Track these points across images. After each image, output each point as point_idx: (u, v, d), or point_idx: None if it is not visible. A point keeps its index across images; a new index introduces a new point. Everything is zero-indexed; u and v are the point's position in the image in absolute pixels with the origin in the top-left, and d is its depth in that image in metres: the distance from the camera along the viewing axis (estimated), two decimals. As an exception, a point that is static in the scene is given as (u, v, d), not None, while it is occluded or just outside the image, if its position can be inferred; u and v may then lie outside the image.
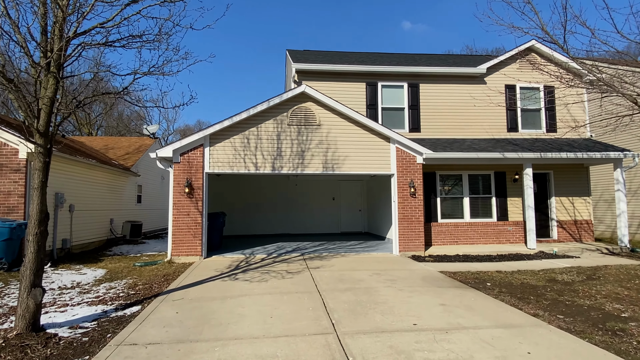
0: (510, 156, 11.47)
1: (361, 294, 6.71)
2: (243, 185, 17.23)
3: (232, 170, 10.59)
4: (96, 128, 37.11)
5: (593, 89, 8.69)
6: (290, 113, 10.94)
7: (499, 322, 5.26)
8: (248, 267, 9.18)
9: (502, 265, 9.74)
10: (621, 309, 5.85)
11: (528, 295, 6.79)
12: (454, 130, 13.24)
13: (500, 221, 12.99)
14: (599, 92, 8.83)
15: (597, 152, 11.74)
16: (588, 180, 13.56)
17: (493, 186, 13.13)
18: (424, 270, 8.94)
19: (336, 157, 11.07)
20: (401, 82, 13.16)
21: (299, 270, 8.87)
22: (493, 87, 13.40)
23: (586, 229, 13.34)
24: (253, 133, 10.75)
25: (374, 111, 12.93)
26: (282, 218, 17.36)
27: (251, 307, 5.97)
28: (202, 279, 8.00)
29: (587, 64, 8.21)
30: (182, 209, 10.32)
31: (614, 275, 8.33)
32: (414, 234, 11.18)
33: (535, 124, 13.62)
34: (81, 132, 34.16)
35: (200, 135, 10.39)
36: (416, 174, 11.34)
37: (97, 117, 35.29)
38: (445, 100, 13.28)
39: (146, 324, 5.27)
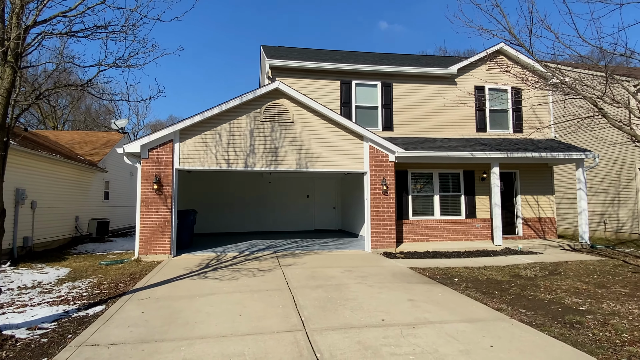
0: (479, 155, 11.78)
1: (332, 291, 6.74)
2: (216, 183, 16.97)
3: (203, 167, 10.41)
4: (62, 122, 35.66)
5: (556, 91, 9.03)
6: (264, 109, 10.85)
7: (464, 317, 5.40)
8: (219, 266, 9.06)
9: (470, 261, 10.00)
10: (579, 303, 6.12)
11: (493, 290, 7.00)
12: (426, 129, 13.48)
13: (468, 218, 13.34)
14: (562, 94, 9.18)
15: (560, 153, 12.23)
16: (552, 179, 14.11)
17: (462, 184, 13.46)
18: (395, 267, 9.08)
19: (310, 155, 11.07)
20: (375, 81, 13.28)
21: (270, 268, 8.83)
22: (463, 88, 13.72)
23: (550, 226, 13.88)
24: (225, 129, 10.59)
25: (348, 109, 13.00)
26: (256, 216, 17.23)
27: (220, 306, 5.89)
28: (170, 278, 7.84)
29: (551, 67, 8.52)
30: (150, 206, 10.06)
31: (574, 270, 8.70)
32: (385, 231, 11.32)
33: (502, 124, 14.04)
34: (46, 125, 32.77)
35: (169, 130, 10.15)
36: (388, 172, 11.48)
37: (63, 111, 33.93)
38: (417, 100, 13.50)
39: (110, 324, 5.12)
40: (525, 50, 8.38)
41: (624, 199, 15.04)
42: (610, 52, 6.85)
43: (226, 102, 10.38)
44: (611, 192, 15.56)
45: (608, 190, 15.68)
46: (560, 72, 8.12)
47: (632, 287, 7.11)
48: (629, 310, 5.70)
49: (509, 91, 13.97)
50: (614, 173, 15.41)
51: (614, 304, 6.00)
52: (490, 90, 13.88)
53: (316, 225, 17.77)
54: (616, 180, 15.36)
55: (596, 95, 7.51)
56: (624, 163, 14.96)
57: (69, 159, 13.93)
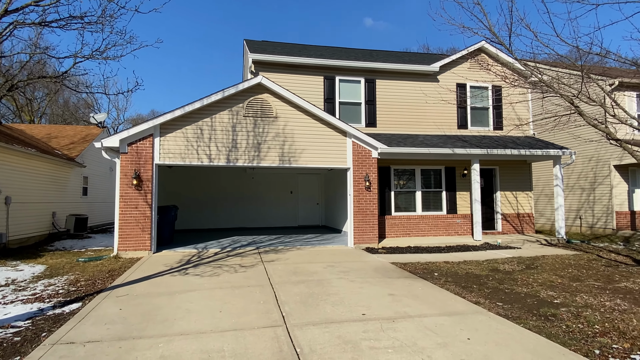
0: (460, 152, 11.95)
1: (314, 286, 6.76)
2: (198, 178, 16.78)
3: (184, 162, 10.27)
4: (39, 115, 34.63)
5: (535, 89, 9.22)
6: (247, 104, 10.75)
7: (443, 310, 5.48)
8: (200, 262, 8.97)
9: (450, 256, 10.16)
10: (554, 296, 6.29)
11: (472, 284, 7.13)
12: (408, 126, 13.60)
13: (449, 214, 13.53)
14: (540, 92, 9.37)
15: (538, 150, 12.50)
16: (530, 175, 14.43)
17: (443, 181, 13.63)
18: (377, 262, 9.15)
19: (293, 150, 11.03)
20: (359, 77, 13.30)
21: (252, 264, 8.79)
22: (445, 85, 13.87)
23: (528, 222, 14.20)
24: (207, 124, 10.46)
25: (332, 105, 12.99)
26: (238, 212, 17.10)
27: (200, 302, 5.84)
28: (150, 275, 7.72)
29: (530, 65, 8.69)
30: (130, 201, 9.88)
31: (550, 264, 8.93)
32: (368, 226, 11.40)
33: (483, 121, 14.27)
34: (21, 119, 31.78)
35: (149, 124, 9.96)
36: (371, 168, 11.54)
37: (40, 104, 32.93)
38: (400, 97, 13.58)
39: (86, 322, 5.02)
40: (505, 48, 8.52)
41: (599, 195, 15.49)
42: (586, 51, 7.02)
43: (208, 96, 10.25)
44: (587, 189, 16.00)
45: (584, 187, 16.12)
46: (539, 70, 8.28)
47: (604, 280, 7.34)
48: (600, 302, 5.89)
49: (489, 89, 14.19)
50: (590, 170, 15.85)
51: (587, 297, 6.18)
52: (471, 87, 14.07)
53: (299, 221, 17.76)
54: (592, 177, 15.80)
55: (573, 93, 7.68)
56: (599, 160, 15.40)
57: (45, 153, 13.54)
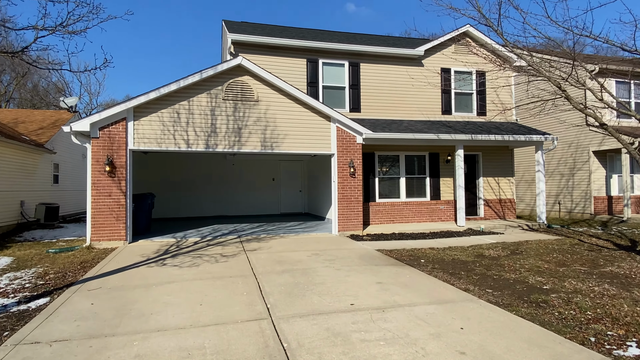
0: (444, 137, 11.81)
1: (299, 276, 6.51)
2: (176, 165, 16.18)
3: (161, 148, 9.77)
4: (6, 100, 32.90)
5: (522, 73, 9.09)
6: (226, 87, 10.27)
7: (433, 299, 5.32)
8: (178, 252, 8.59)
9: (435, 242, 10.08)
10: (543, 282, 6.22)
11: (459, 270, 7.02)
12: (393, 111, 13.36)
13: (433, 200, 13.47)
14: (526, 76, 9.25)
15: (522, 135, 12.49)
16: (512, 161, 14.48)
17: (427, 167, 13.53)
18: (362, 249, 8.97)
19: (275, 136, 10.66)
20: (342, 60, 12.93)
21: (234, 253, 8.46)
22: (430, 69, 13.65)
23: (509, 207, 14.30)
24: (184, 107, 9.95)
25: (315, 89, 12.61)
26: (219, 199, 16.65)
27: (179, 295, 5.50)
28: (124, 266, 7.31)
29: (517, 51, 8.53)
30: (102, 189, 9.35)
31: (535, 249, 8.94)
32: (353, 213, 11.19)
33: (467, 107, 14.16)
34: (-14, 103, 30.10)
35: (122, 107, 9.39)
36: (356, 154, 11.29)
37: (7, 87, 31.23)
38: (385, 81, 13.30)
39: (54, 319, 4.63)
40: (493, 30, 8.31)
41: (577, 180, 15.72)
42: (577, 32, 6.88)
43: (184, 77, 9.72)
44: (566, 174, 16.22)
45: (563, 173, 16.33)
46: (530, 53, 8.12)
47: (589, 265, 7.35)
48: (589, 287, 5.84)
49: (473, 74, 14.06)
50: (569, 156, 16.04)
51: (575, 282, 6.14)
52: (456, 72, 13.90)
53: (282, 208, 17.45)
54: (571, 162, 16.01)
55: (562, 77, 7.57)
56: (579, 146, 15.59)
57: (10, 138, 12.74)
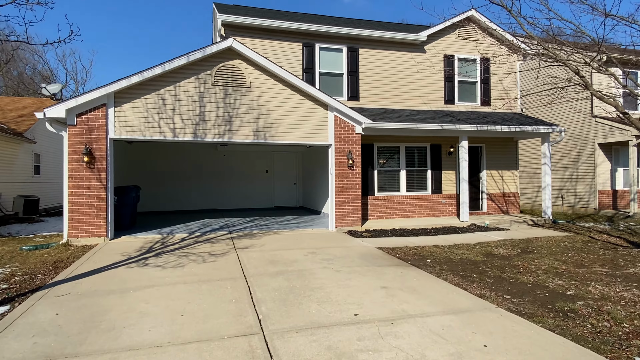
0: (448, 128, 11.17)
1: (295, 279, 5.86)
2: (164, 156, 15.38)
3: (144, 137, 9.01)
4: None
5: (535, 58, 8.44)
6: (216, 71, 9.51)
7: (446, 307, 4.71)
8: (163, 250, 7.90)
9: (439, 239, 9.49)
10: (565, 286, 5.63)
11: (470, 272, 6.42)
12: (393, 100, 12.68)
13: (434, 194, 12.86)
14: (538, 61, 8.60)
15: (528, 126, 11.88)
16: (517, 154, 13.89)
17: (429, 159, 12.90)
18: (362, 247, 8.34)
19: (269, 125, 9.94)
20: (340, 45, 12.17)
21: (224, 251, 7.79)
22: (432, 56, 12.95)
23: (513, 202, 13.75)
24: (170, 93, 9.18)
25: (311, 76, 11.87)
26: (210, 192, 15.90)
27: (158, 302, 4.83)
28: (102, 266, 6.61)
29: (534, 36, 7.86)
30: (80, 181, 8.60)
31: (546, 247, 8.37)
32: (351, 208, 10.55)
33: (471, 96, 13.51)
34: (-33, 91, 28.86)
35: (101, 92, 8.59)
36: (355, 145, 10.61)
37: (-13, 75, 29.95)
38: (385, 68, 12.59)
39: (8, 334, 3.94)
40: (506, 10, 7.63)
41: (582, 174, 15.20)
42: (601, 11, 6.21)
43: (170, 60, 8.94)
44: (570, 168, 15.70)
45: (567, 166, 15.80)
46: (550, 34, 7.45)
47: (610, 265, 6.79)
48: (618, 293, 5.26)
49: (478, 61, 13.39)
50: (574, 148, 15.50)
51: (600, 287, 5.55)
52: (459, 59, 13.21)
53: (276, 202, 16.76)
54: (575, 155, 15.48)
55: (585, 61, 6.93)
56: (584, 138, 15.04)
57: (-15, 127, 11.93)
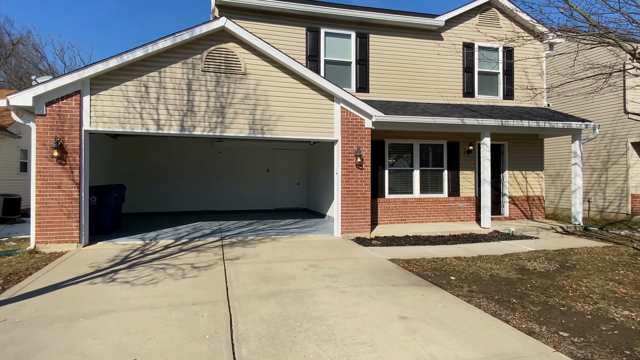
0: (470, 123, 9.94)
1: (290, 303, 4.70)
2: (156, 152, 14.29)
3: (124, 129, 7.90)
4: (-11, 82, 30.92)
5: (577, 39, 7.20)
6: (206, 56, 8.37)
7: (488, 351, 3.52)
8: (140, 260, 6.77)
9: (460, 249, 8.28)
10: (636, 319, 4.41)
11: (507, 295, 5.21)
12: (407, 92, 11.46)
13: (451, 197, 11.63)
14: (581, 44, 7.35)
15: (559, 122, 10.60)
16: (542, 153, 12.60)
17: (445, 158, 11.66)
18: (372, 259, 7.16)
19: (267, 117, 8.79)
20: (349, 30, 10.97)
21: (210, 263, 6.64)
22: (450, 44, 11.71)
23: (538, 206, 12.46)
24: (154, 79, 8.07)
25: (315, 64, 10.69)
26: (206, 193, 14.78)
27: (110, 337, 3.69)
28: (61, 281, 5.50)
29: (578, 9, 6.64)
30: (50, 179, 7.53)
31: (589, 262, 7.12)
32: (359, 212, 9.36)
33: (492, 89, 12.24)
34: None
35: (74, 77, 7.48)
36: (364, 141, 9.43)
37: (-15, 69, 29.21)
38: (398, 57, 11.37)
39: None
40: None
41: (612, 176, 13.87)
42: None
43: (154, 42, 7.81)
44: (598, 169, 14.36)
45: (595, 167, 14.47)
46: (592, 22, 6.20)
47: (678, 288, 5.54)
48: None
49: (500, 51, 12.12)
50: (603, 148, 14.17)
51: (683, 321, 4.33)
52: (480, 48, 11.95)
53: (277, 203, 15.60)
54: (605, 155, 14.14)
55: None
56: (615, 137, 13.71)
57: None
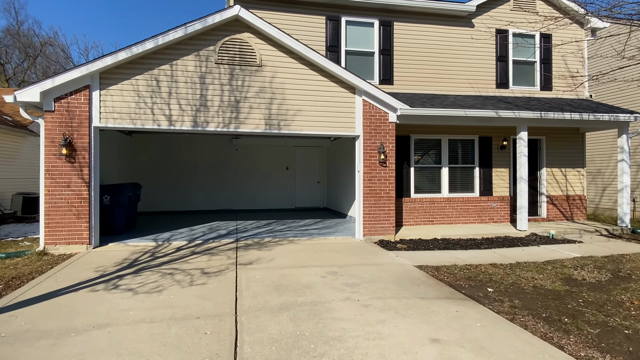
0: (505, 115, 9.11)
1: (304, 319, 4.14)
2: (174, 149, 14.00)
3: (135, 125, 7.53)
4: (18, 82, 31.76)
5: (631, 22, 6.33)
6: (220, 47, 7.91)
7: (544, 390, 2.86)
8: (149, 264, 6.37)
9: (495, 254, 7.52)
10: None
11: (556, 312, 4.49)
12: (434, 83, 10.69)
13: (483, 196, 10.80)
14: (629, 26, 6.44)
15: (605, 114, 9.62)
16: (584, 148, 11.57)
17: (477, 154, 10.84)
18: (397, 265, 6.52)
19: (283, 112, 8.26)
20: (371, 18, 10.30)
21: (221, 268, 6.17)
22: (482, 31, 10.86)
23: (579, 206, 11.46)
24: (165, 73, 7.66)
25: (336, 55, 10.08)
26: (225, 191, 14.40)
27: (99, 358, 3.24)
28: (61, 288, 5.13)
29: None
30: (59, 178, 7.23)
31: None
32: (382, 213, 8.72)
33: (528, 79, 11.31)
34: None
35: (83, 71, 7.15)
36: (388, 136, 8.77)
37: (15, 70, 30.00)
38: (424, 46, 10.61)
39: None
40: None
41: (662, 173, 12.66)
42: None
43: (164, 33, 7.39)
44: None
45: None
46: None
47: None
48: None
49: (537, 38, 11.17)
50: (651, 142, 12.96)
51: None
52: (514, 35, 11.05)
53: (297, 202, 15.08)
54: (653, 151, 12.93)
55: None
56: (666, 130, 12.47)
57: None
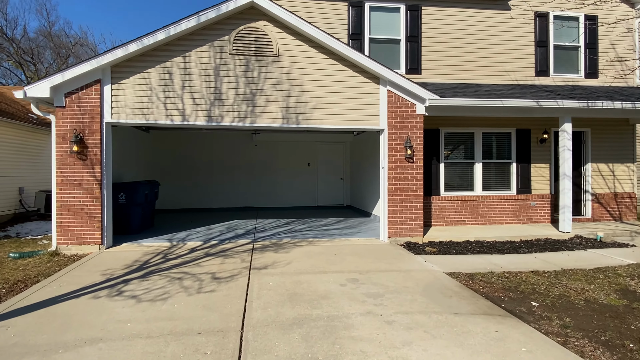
0: (547, 105, 8.25)
1: (319, 338, 3.62)
2: (192, 146, 13.73)
3: (147, 121, 7.21)
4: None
5: None
6: (234, 37, 7.46)
7: None
8: (159, 267, 6.02)
9: (536, 259, 6.76)
10: None
11: (619, 335, 3.78)
12: (466, 71, 9.90)
13: (521, 194, 9.95)
14: None
15: (662, 102, 8.59)
16: (634, 141, 10.49)
17: (513, 148, 9.98)
18: (426, 272, 5.90)
19: (302, 105, 7.74)
20: (397, 2, 9.59)
21: (233, 272, 5.73)
22: (519, 14, 9.96)
23: (628, 205, 10.40)
24: (178, 65, 7.29)
25: (359, 43, 9.47)
26: (246, 188, 14.07)
27: (77, 386, 2.84)
28: (64, 293, 4.83)
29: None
30: (71, 176, 7.00)
31: None
32: (409, 212, 8.08)
33: (571, 66, 10.32)
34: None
35: (93, 64, 6.86)
36: (415, 130, 8.10)
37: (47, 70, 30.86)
38: (455, 32, 9.83)
39: None
40: None
41: None
42: None
43: (176, 23, 7.01)
44: None
45: (700, 158, 11.96)
46: None
47: None
48: None
49: (581, 20, 10.16)
50: None
51: None
52: (555, 18, 10.08)
53: (319, 200, 14.58)
54: None
55: None
56: None
57: (11, 118, 11.04)
